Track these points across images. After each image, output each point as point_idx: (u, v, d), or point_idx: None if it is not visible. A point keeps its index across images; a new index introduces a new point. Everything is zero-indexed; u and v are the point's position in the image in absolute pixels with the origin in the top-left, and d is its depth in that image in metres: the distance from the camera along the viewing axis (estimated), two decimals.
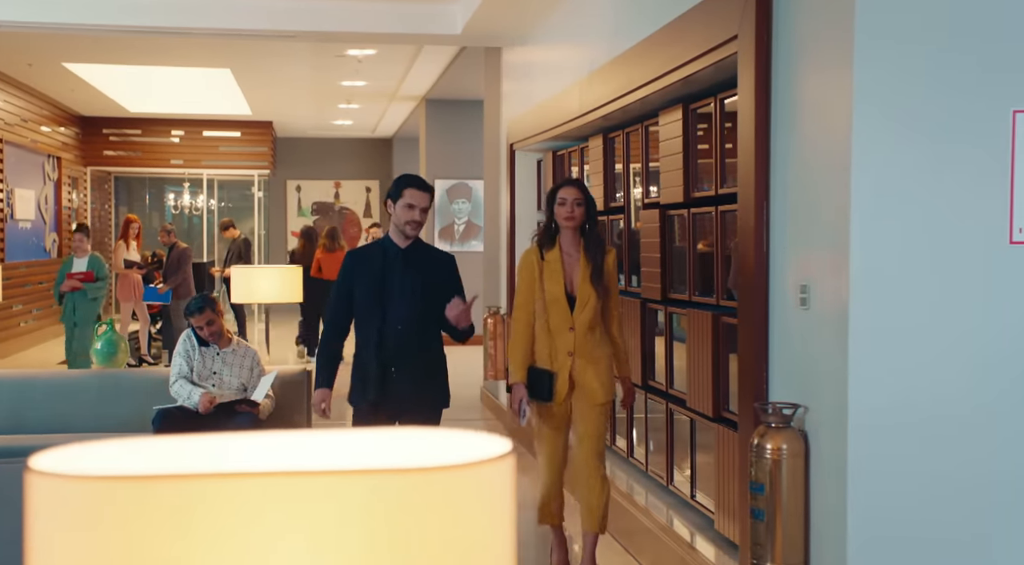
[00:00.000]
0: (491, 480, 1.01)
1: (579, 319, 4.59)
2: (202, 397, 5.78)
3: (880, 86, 3.34)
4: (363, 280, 4.54)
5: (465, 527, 0.98)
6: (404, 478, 0.95)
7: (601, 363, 4.66)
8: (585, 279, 4.58)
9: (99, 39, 10.30)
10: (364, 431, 1.08)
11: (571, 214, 4.60)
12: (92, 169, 17.30)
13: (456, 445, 1.07)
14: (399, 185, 4.52)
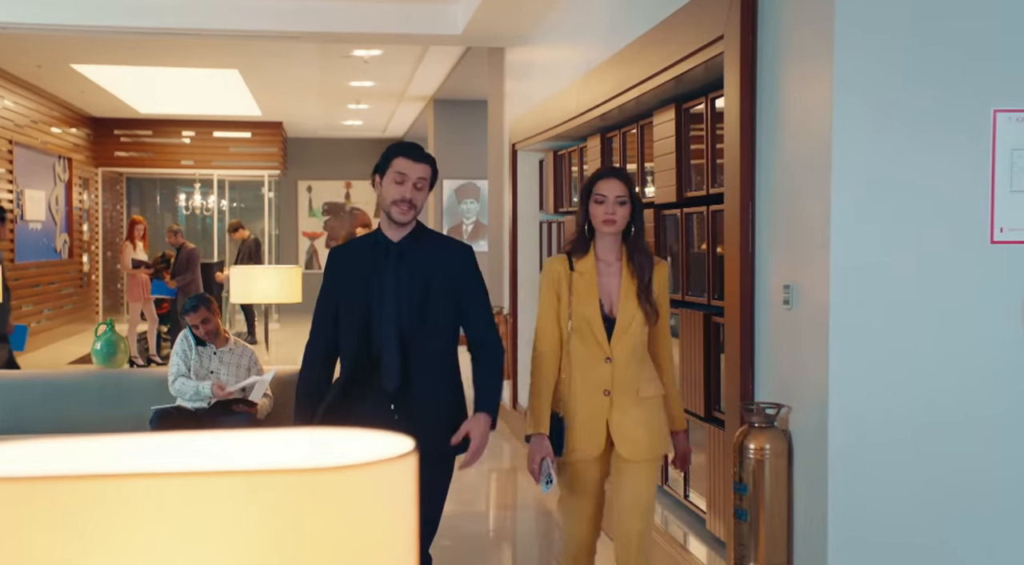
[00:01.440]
0: (391, 479, 1.01)
1: (619, 347, 3.58)
2: (213, 386, 5.85)
3: (860, 87, 3.33)
4: (348, 286, 3.52)
5: (364, 527, 0.99)
6: (302, 478, 0.95)
7: (649, 406, 3.63)
8: (629, 295, 3.60)
9: (107, 40, 10.36)
10: (269, 431, 1.09)
11: (611, 215, 3.59)
12: (103, 170, 17.40)
13: (358, 444, 1.08)
14: (387, 155, 3.50)
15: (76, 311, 15.51)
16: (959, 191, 3.35)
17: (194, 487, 0.91)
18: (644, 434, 3.62)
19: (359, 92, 14.33)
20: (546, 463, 3.62)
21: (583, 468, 3.67)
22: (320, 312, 3.60)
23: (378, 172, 3.50)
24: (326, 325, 3.57)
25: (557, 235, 7.93)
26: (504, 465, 7.71)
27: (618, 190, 3.61)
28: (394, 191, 3.43)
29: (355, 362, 3.51)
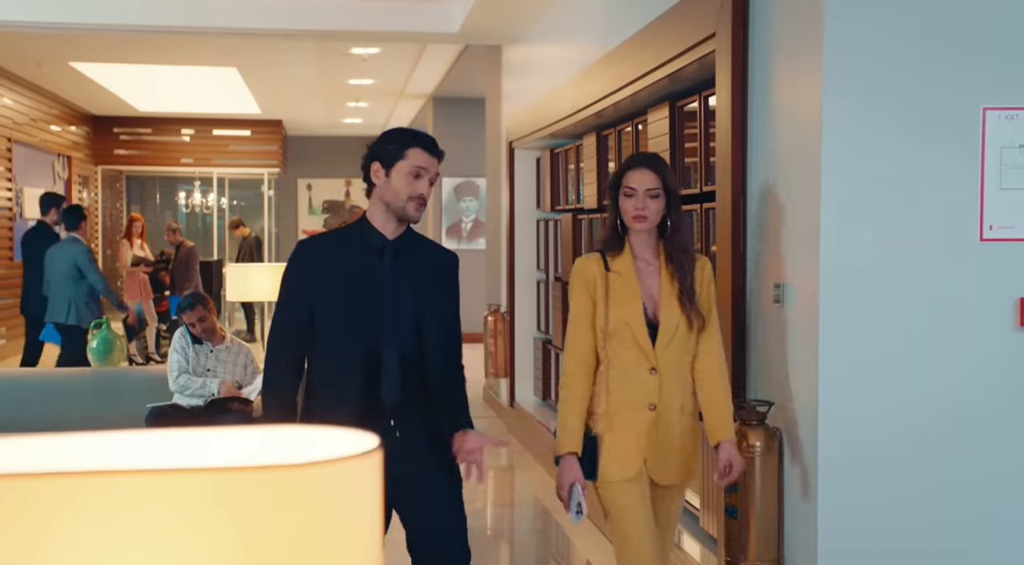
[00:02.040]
0: (356, 476, 1.02)
1: (665, 356, 3.18)
2: (222, 385, 5.87)
3: (850, 85, 3.34)
4: (332, 287, 3.03)
5: (329, 524, 1.00)
6: (265, 475, 0.96)
7: (690, 425, 3.28)
8: (671, 299, 3.20)
9: (106, 38, 10.37)
10: (232, 428, 1.09)
11: (641, 211, 3.17)
12: (103, 168, 17.41)
13: (322, 441, 1.08)
14: (398, 142, 3.04)
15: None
16: (949, 189, 3.36)
17: (154, 485, 0.92)
18: (678, 458, 3.24)
19: (358, 90, 14.34)
20: (576, 490, 3.14)
21: (624, 491, 3.21)
22: (288, 316, 3.08)
23: (379, 160, 3.04)
24: (298, 332, 3.06)
25: (554, 233, 7.94)
26: (502, 463, 7.72)
27: (649, 182, 3.18)
28: (411, 186, 3.01)
29: (346, 373, 3.04)
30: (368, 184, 3.10)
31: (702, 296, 3.24)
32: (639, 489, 3.23)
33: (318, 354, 3.08)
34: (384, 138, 3.10)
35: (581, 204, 7.09)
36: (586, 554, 5.63)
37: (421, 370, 3.10)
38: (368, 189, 3.11)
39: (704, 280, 3.26)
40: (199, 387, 5.89)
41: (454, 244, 14.08)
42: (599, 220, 6.69)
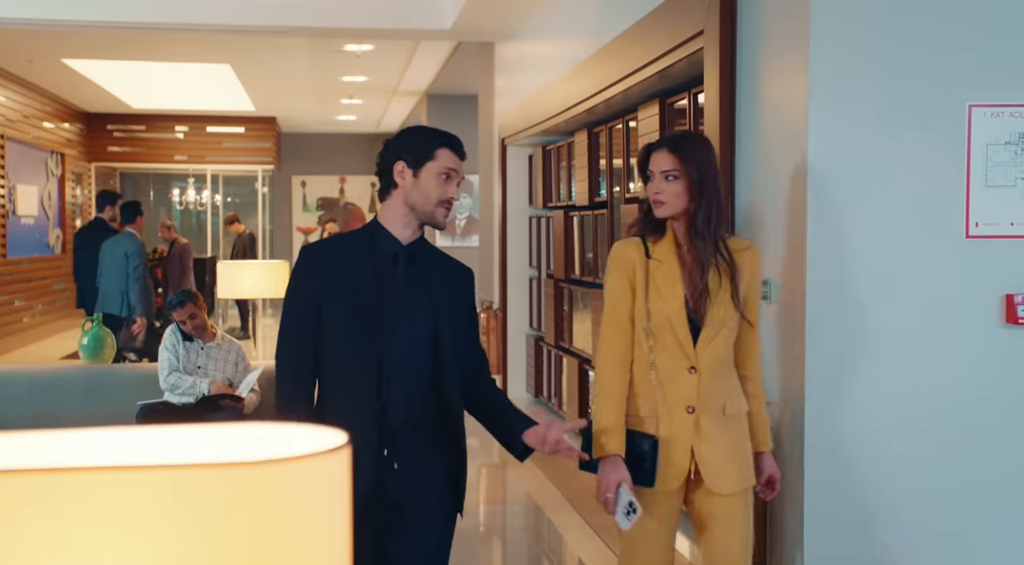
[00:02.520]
0: (323, 473, 1.02)
1: (706, 354, 2.94)
2: (212, 385, 5.87)
3: (836, 82, 3.34)
4: (340, 294, 2.79)
5: (296, 521, 1.00)
6: (231, 472, 0.96)
7: (735, 426, 3.01)
8: (723, 290, 2.95)
9: (98, 35, 10.36)
10: (197, 427, 1.09)
11: (657, 194, 2.96)
12: (97, 165, 17.39)
13: (290, 438, 1.08)
14: (427, 141, 2.82)
15: (69, 306, 15.49)
16: (935, 186, 3.36)
17: (116, 482, 0.92)
18: (734, 461, 2.96)
19: (352, 87, 14.33)
20: (623, 490, 2.89)
21: (657, 503, 2.97)
22: (297, 328, 2.83)
23: (405, 160, 2.80)
24: (306, 345, 2.81)
25: (546, 230, 7.94)
26: (494, 460, 7.73)
27: (664, 163, 2.94)
28: (442, 188, 2.79)
29: (353, 388, 2.78)
30: (386, 184, 2.82)
31: (750, 291, 2.98)
32: (675, 503, 2.98)
33: (324, 367, 2.82)
34: (410, 136, 2.86)
35: (573, 201, 7.09)
36: (578, 551, 5.63)
37: (437, 386, 2.81)
38: (384, 189, 2.84)
39: (750, 272, 2.99)
40: (189, 386, 5.89)
41: (448, 241, 14.08)
42: (590, 217, 6.70)
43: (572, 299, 7.24)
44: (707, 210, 2.91)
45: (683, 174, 2.92)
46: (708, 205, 2.92)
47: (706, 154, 2.96)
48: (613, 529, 5.61)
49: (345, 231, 16.46)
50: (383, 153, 2.85)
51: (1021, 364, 3.40)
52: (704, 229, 2.92)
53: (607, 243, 6.35)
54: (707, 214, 2.92)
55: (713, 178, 2.94)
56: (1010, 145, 3.33)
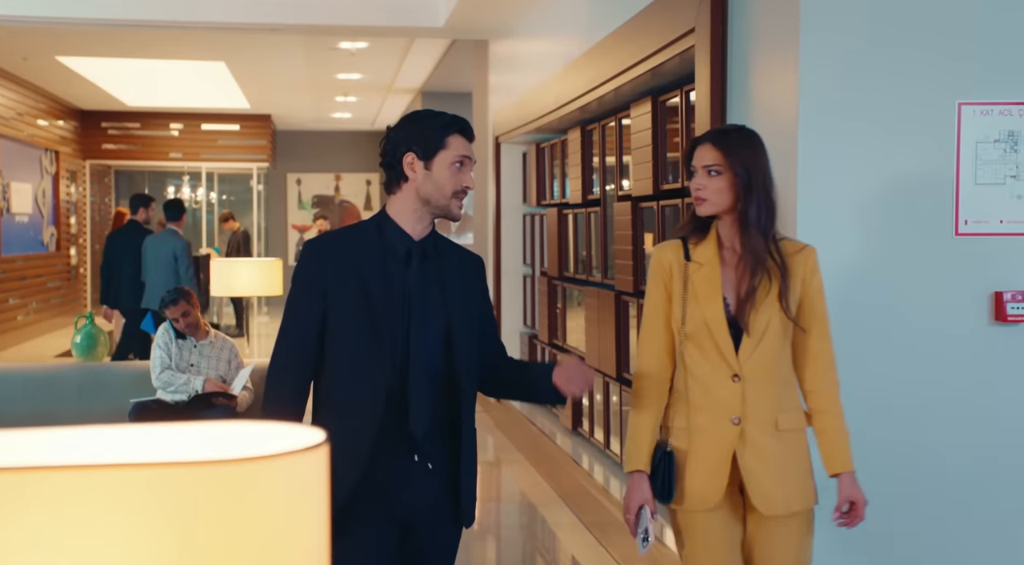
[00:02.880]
0: (301, 471, 1.02)
1: (751, 362, 2.72)
2: (205, 382, 5.87)
3: (825, 80, 3.34)
4: (349, 294, 2.60)
5: (275, 519, 1.00)
6: (209, 470, 0.96)
7: (790, 442, 2.76)
8: (769, 294, 2.73)
9: (92, 32, 10.34)
10: (176, 425, 1.09)
11: (698, 190, 2.77)
12: (91, 163, 17.36)
13: (268, 436, 1.08)
14: (437, 127, 2.63)
15: (64, 304, 15.49)
16: (924, 183, 3.36)
17: (94, 481, 0.92)
18: (786, 479, 2.73)
19: (347, 84, 14.33)
20: (644, 513, 2.73)
21: (704, 523, 2.74)
22: (297, 327, 2.62)
23: (415, 150, 2.60)
24: (306, 346, 2.60)
25: (540, 228, 7.94)
26: (488, 458, 7.73)
27: (708, 157, 2.75)
28: (456, 178, 2.60)
29: (364, 400, 2.58)
30: (395, 177, 2.62)
31: (803, 294, 2.75)
32: (723, 520, 2.75)
33: (331, 376, 2.60)
34: (418, 123, 2.63)
35: (566, 199, 7.10)
36: (572, 550, 5.64)
37: (451, 389, 2.66)
38: (393, 182, 2.64)
39: (806, 275, 2.76)
40: (183, 383, 5.89)
41: None
42: (583, 215, 6.70)
43: (565, 297, 7.24)
44: (756, 207, 2.71)
45: (727, 169, 2.72)
46: (758, 201, 2.71)
47: (754, 149, 2.76)
48: (606, 526, 5.62)
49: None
50: (388, 144, 2.63)
51: (1010, 361, 3.41)
52: (754, 227, 2.71)
53: (600, 241, 6.35)
54: (757, 211, 2.71)
55: (762, 175, 2.73)
56: (999, 143, 3.34)
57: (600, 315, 6.12)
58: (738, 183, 2.71)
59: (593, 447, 6.49)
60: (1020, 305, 3.34)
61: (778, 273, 2.72)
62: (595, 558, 5.35)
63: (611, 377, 6.00)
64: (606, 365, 6.03)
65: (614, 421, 6.08)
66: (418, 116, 2.67)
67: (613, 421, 6.10)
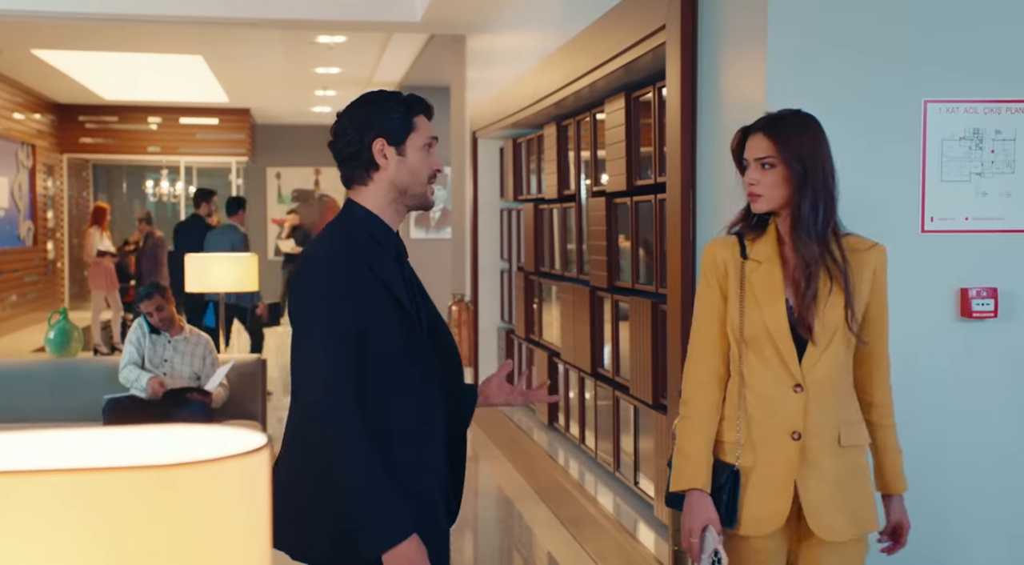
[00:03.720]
0: (242, 475, 1.02)
1: (815, 372, 2.51)
2: (150, 381, 5.81)
3: (792, 77, 3.36)
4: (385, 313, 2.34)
5: (216, 522, 1.00)
6: (151, 475, 0.96)
7: (852, 459, 2.56)
8: (832, 297, 2.50)
9: (68, 26, 10.28)
10: (120, 429, 1.09)
11: (751, 185, 2.57)
12: (68, 156, 17.26)
13: (211, 440, 1.08)
14: (402, 110, 2.41)
15: (41, 299, 15.41)
16: (891, 180, 3.38)
17: (31, 487, 0.92)
18: (848, 501, 2.51)
19: (326, 79, 14.29)
20: (709, 534, 2.50)
21: (757, 550, 2.54)
22: (343, 356, 2.28)
23: (385, 136, 2.37)
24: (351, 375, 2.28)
25: (517, 223, 7.95)
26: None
27: (760, 149, 2.54)
28: (428, 161, 2.41)
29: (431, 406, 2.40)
30: (362, 166, 2.39)
31: (870, 300, 2.55)
32: (775, 548, 2.55)
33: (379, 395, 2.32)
34: (378, 106, 2.41)
35: (542, 194, 7.10)
36: (547, 545, 5.65)
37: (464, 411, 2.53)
38: (360, 172, 2.40)
39: (871, 277, 2.54)
40: (134, 380, 5.87)
41: (422, 233, 14.06)
42: (559, 210, 6.71)
43: (542, 292, 7.25)
44: (812, 201, 2.48)
45: (781, 162, 2.50)
46: (814, 195, 2.48)
47: (809, 137, 2.53)
48: (581, 522, 5.64)
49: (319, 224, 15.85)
50: (349, 130, 2.40)
51: (976, 358, 3.44)
52: (810, 224, 2.48)
53: (576, 237, 6.36)
54: (813, 205, 2.47)
55: (820, 165, 2.50)
56: (965, 140, 3.36)
57: (575, 311, 6.13)
58: (793, 176, 2.49)
59: (569, 442, 6.51)
60: (985, 301, 3.37)
61: (839, 274, 2.48)
62: (570, 553, 5.36)
63: (586, 373, 6.02)
64: (581, 360, 6.04)
65: (589, 416, 6.10)
66: (374, 98, 2.44)
67: (588, 416, 6.12)
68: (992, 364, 3.43)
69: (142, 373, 5.87)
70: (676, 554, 3.74)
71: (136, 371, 5.88)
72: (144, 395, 5.84)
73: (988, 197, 3.38)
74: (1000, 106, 3.37)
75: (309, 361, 2.29)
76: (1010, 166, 3.38)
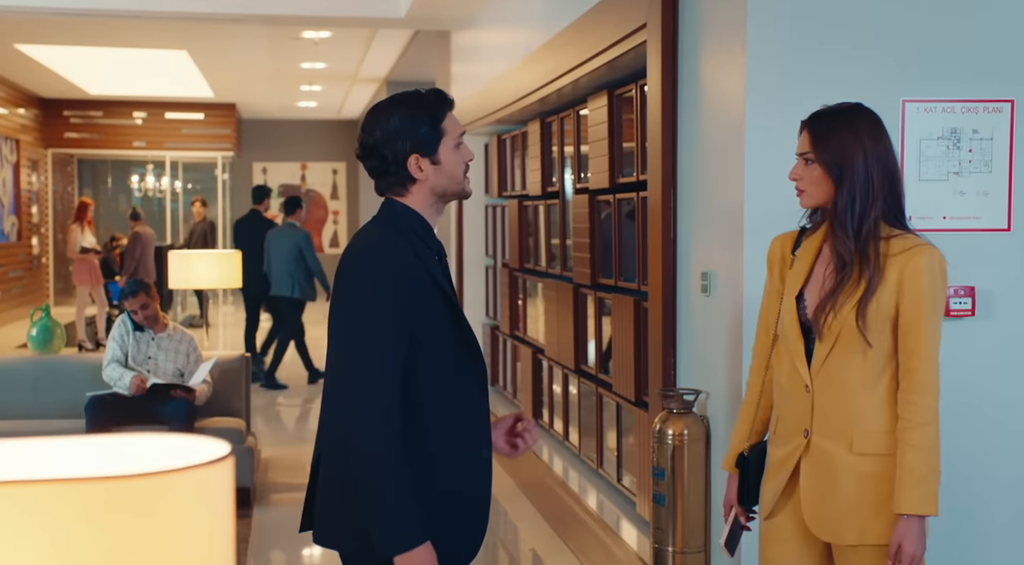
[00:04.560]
0: (207, 483, 1.02)
1: (823, 372, 2.51)
2: (132, 379, 5.79)
3: (771, 75, 3.36)
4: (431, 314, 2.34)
5: (182, 531, 1.00)
6: (117, 485, 0.96)
7: (868, 466, 2.50)
8: (852, 297, 2.47)
9: (51, 20, 10.23)
10: (84, 438, 1.09)
11: (796, 180, 2.59)
12: (53, 151, 17.19)
13: (176, 449, 1.09)
14: (429, 116, 2.36)
15: (25, 295, 15.35)
16: None
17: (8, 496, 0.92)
18: (857, 506, 2.49)
19: (311, 74, 14.26)
20: (732, 517, 2.74)
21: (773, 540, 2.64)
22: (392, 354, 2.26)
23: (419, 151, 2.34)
24: (398, 377, 2.27)
25: (502, 219, 7.95)
26: None
27: (802, 144, 2.56)
28: (462, 156, 2.39)
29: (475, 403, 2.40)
30: (397, 182, 2.37)
31: (907, 303, 2.45)
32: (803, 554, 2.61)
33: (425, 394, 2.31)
34: (406, 116, 2.34)
35: (526, 190, 7.10)
36: (531, 542, 5.66)
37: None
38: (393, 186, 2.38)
39: (906, 282, 2.44)
40: (117, 379, 5.85)
41: None
42: (543, 207, 6.72)
43: (526, 289, 7.26)
44: (850, 198, 2.46)
45: (817, 159, 2.51)
46: (851, 193, 2.46)
47: (852, 133, 2.49)
48: (564, 518, 5.66)
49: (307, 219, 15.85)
50: (381, 148, 2.34)
51: (954, 356, 3.45)
52: (846, 220, 2.46)
53: (560, 233, 6.37)
54: (850, 202, 2.46)
55: (863, 163, 2.47)
56: (942, 140, 3.38)
57: (559, 307, 6.14)
58: (831, 174, 2.49)
59: (553, 439, 6.52)
60: (963, 300, 3.39)
61: (867, 274, 2.44)
62: (554, 550, 5.37)
63: (570, 370, 6.03)
64: (564, 357, 6.05)
65: (573, 413, 6.11)
66: (399, 107, 2.36)
67: (572, 413, 6.13)
68: (969, 363, 3.45)
69: (125, 372, 5.85)
70: (657, 551, 3.76)
71: (119, 369, 5.86)
72: (127, 393, 5.83)
73: (966, 196, 3.39)
74: (977, 106, 3.38)
75: (354, 374, 2.26)
76: (987, 165, 3.40)
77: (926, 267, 2.44)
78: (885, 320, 2.45)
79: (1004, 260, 3.45)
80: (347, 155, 20.07)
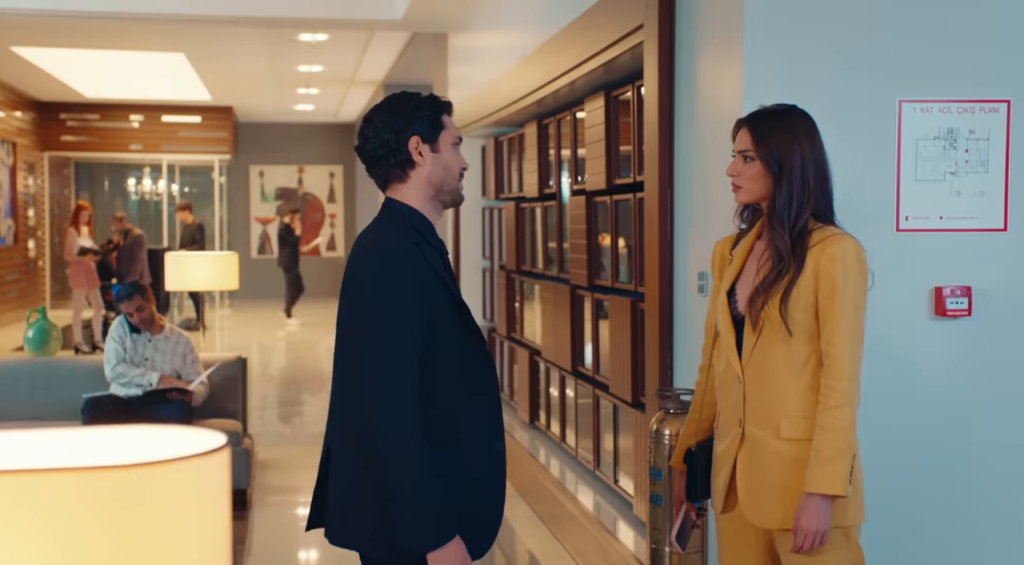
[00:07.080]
0: (203, 474, 1.03)
1: (752, 363, 2.59)
2: (162, 377, 5.86)
3: (768, 74, 3.37)
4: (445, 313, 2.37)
5: (178, 521, 1.00)
6: (115, 475, 0.96)
7: (796, 452, 2.55)
8: (778, 289, 2.55)
9: (47, 23, 10.23)
10: (86, 430, 1.09)
11: (733, 177, 2.65)
12: (50, 154, 17.17)
13: (173, 440, 1.09)
14: (435, 110, 2.44)
15: (22, 297, 15.33)
16: (866, 180, 3.40)
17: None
18: (783, 493, 2.55)
19: (308, 77, 14.26)
20: (683, 512, 2.87)
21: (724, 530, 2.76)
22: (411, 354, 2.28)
23: (421, 134, 2.39)
24: (416, 377, 2.29)
25: (498, 221, 7.95)
26: None
27: (742, 141, 2.62)
28: (459, 158, 2.45)
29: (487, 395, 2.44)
30: (397, 164, 2.40)
31: (820, 296, 2.51)
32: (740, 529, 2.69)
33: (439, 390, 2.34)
34: (409, 105, 2.41)
35: (523, 192, 7.11)
36: (528, 543, 5.66)
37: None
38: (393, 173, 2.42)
39: (817, 268, 2.51)
40: (137, 375, 5.85)
41: None
42: (540, 209, 6.72)
43: (523, 291, 7.26)
44: (788, 196, 2.54)
45: (758, 157, 2.57)
46: (790, 191, 2.54)
47: (791, 134, 2.57)
48: (561, 519, 5.66)
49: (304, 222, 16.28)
50: (383, 131, 2.39)
51: (950, 356, 3.46)
52: (784, 216, 2.54)
53: (556, 235, 6.37)
54: (787, 200, 2.54)
55: (799, 163, 2.55)
56: (939, 140, 3.38)
57: (556, 309, 6.14)
58: (770, 172, 2.56)
59: (550, 441, 6.52)
60: (959, 300, 3.39)
61: (794, 267, 2.53)
62: (550, 551, 5.37)
63: (567, 371, 6.03)
64: (562, 359, 6.05)
65: (570, 415, 6.11)
66: (402, 100, 2.44)
67: (569, 415, 6.13)
68: (966, 362, 3.46)
69: (147, 371, 5.88)
70: (654, 552, 3.75)
71: (135, 368, 5.89)
72: (135, 393, 5.86)
73: (962, 196, 3.40)
74: (974, 106, 3.39)
75: (375, 375, 2.26)
76: (984, 165, 3.40)
77: (839, 255, 2.51)
78: (806, 308, 2.53)
79: (1000, 260, 3.45)
80: (344, 158, 20.08)
